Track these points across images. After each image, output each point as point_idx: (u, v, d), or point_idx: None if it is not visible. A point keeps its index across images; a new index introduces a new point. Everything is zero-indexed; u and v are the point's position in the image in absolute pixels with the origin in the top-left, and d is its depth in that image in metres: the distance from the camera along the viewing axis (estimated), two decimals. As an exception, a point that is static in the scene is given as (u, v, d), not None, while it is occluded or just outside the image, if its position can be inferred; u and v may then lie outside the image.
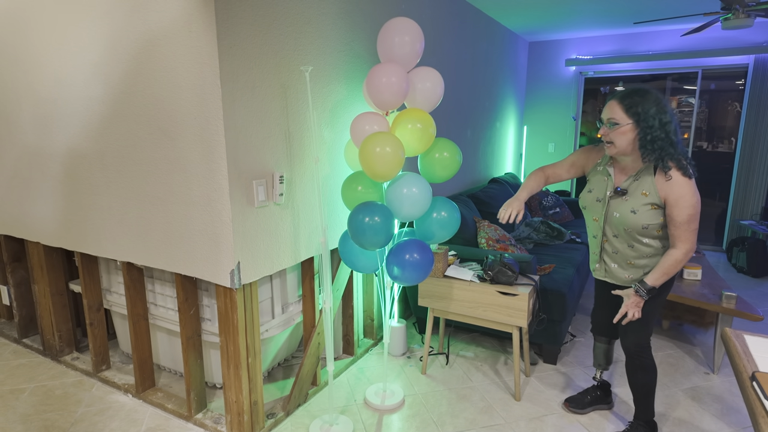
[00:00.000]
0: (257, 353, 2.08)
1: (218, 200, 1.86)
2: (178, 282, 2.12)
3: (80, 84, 2.19)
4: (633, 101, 1.69)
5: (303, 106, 2.15)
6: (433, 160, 2.21)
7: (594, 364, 2.32)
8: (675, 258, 1.76)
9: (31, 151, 2.54)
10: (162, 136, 1.97)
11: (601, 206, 1.90)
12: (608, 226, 1.90)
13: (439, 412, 2.34)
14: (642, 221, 1.77)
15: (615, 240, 1.91)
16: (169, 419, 2.27)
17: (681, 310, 3.07)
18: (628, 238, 1.85)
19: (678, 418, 2.29)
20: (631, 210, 1.79)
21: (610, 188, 1.87)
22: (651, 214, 1.77)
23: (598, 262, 2.03)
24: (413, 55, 2.14)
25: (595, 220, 1.95)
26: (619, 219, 1.83)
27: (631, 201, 1.80)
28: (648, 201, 1.76)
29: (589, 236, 2.04)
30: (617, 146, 1.76)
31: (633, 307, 1.85)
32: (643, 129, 1.68)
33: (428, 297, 2.59)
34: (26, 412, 2.32)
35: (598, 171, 1.95)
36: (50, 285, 2.74)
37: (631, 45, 5.17)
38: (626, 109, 1.71)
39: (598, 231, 1.96)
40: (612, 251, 1.94)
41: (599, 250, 1.99)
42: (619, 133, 1.74)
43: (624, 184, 1.82)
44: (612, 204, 1.86)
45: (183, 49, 1.81)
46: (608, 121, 1.75)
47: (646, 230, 1.79)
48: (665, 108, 1.69)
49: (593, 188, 1.94)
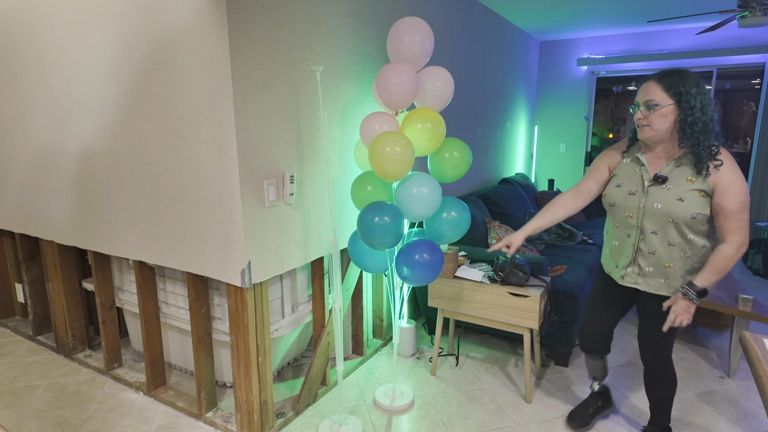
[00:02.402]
0: (267, 352, 2.09)
1: (229, 200, 1.86)
2: (189, 281, 2.13)
3: (94, 84, 2.22)
4: (673, 80, 1.56)
5: (313, 106, 2.15)
6: (443, 160, 2.20)
7: (590, 376, 2.23)
8: (726, 253, 1.59)
9: (45, 150, 2.57)
10: (174, 136, 1.98)
11: (638, 199, 1.71)
12: (647, 221, 1.70)
13: (448, 413, 2.33)
14: (691, 210, 1.59)
15: (653, 237, 1.70)
16: (179, 417, 2.29)
17: (696, 312, 3.02)
18: (669, 233, 1.67)
19: (693, 422, 2.25)
20: (677, 198, 1.61)
21: (646, 177, 1.69)
22: (700, 202, 1.59)
23: (629, 265, 1.81)
24: (423, 54, 2.13)
25: (628, 217, 1.75)
26: (662, 210, 1.65)
27: (674, 189, 1.63)
28: (695, 187, 1.59)
29: (617, 239, 1.82)
30: (655, 129, 1.61)
31: (684, 313, 1.65)
32: (684, 110, 1.55)
33: (438, 298, 2.58)
34: (40, 409, 2.35)
35: (625, 164, 1.77)
36: (64, 283, 2.77)
37: (644, 44, 5.11)
38: (666, 89, 1.56)
39: (632, 229, 1.75)
40: (649, 251, 1.73)
41: (633, 251, 1.78)
42: (659, 115, 1.58)
43: (664, 171, 1.65)
44: (652, 194, 1.67)
45: (195, 49, 1.82)
46: (646, 103, 1.60)
47: (694, 221, 1.61)
48: (704, 90, 1.56)
49: (623, 182, 1.76)
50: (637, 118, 1.64)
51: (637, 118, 1.64)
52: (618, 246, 1.83)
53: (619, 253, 1.83)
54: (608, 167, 1.84)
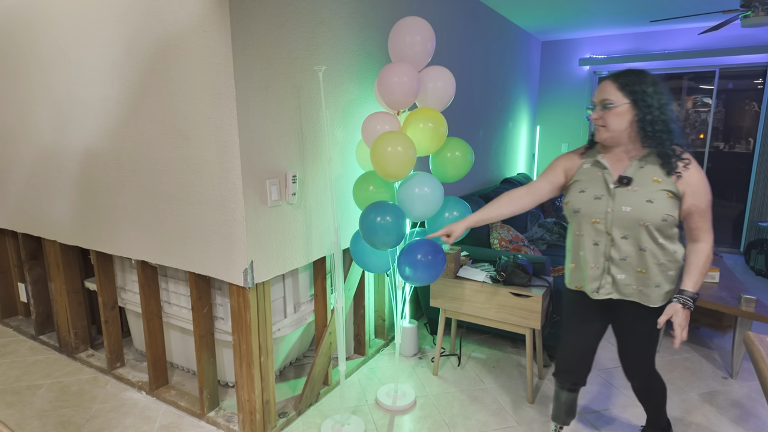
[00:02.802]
0: (270, 352, 2.09)
1: (232, 199, 1.87)
2: (192, 281, 2.13)
3: (97, 84, 2.22)
4: (629, 79, 1.51)
5: (316, 105, 2.15)
6: (444, 160, 2.20)
7: (553, 417, 1.98)
8: (706, 252, 1.56)
9: (48, 150, 2.58)
10: (177, 136, 1.98)
11: (604, 203, 1.60)
12: (616, 226, 1.59)
13: (451, 413, 2.33)
14: (662, 211, 1.51)
15: (624, 243, 1.60)
16: (182, 417, 2.29)
17: (697, 313, 3.01)
18: (640, 238, 1.57)
19: (695, 423, 2.24)
20: (646, 200, 1.53)
21: (610, 180, 1.59)
22: (670, 203, 1.52)
23: (601, 276, 1.66)
24: (424, 54, 2.13)
25: (595, 223, 1.62)
26: (632, 213, 1.55)
27: (642, 190, 1.54)
28: (663, 188, 1.52)
29: (583, 248, 1.67)
30: (611, 129, 1.54)
31: (685, 325, 1.55)
32: (642, 109, 1.50)
33: (440, 298, 2.58)
34: (43, 408, 2.35)
35: (586, 168, 1.67)
36: (66, 283, 2.78)
37: (647, 44, 5.10)
38: (621, 87, 1.51)
39: (600, 236, 1.62)
40: (620, 258, 1.61)
41: (603, 260, 1.64)
42: (614, 115, 1.52)
43: (629, 171, 1.57)
44: (619, 197, 1.57)
45: (197, 49, 1.82)
46: (602, 102, 1.54)
47: (665, 223, 1.52)
48: (662, 90, 1.51)
49: (586, 187, 1.64)
50: (593, 118, 1.58)
51: (593, 119, 1.58)
52: (585, 257, 1.68)
53: (587, 264, 1.68)
54: (564, 171, 1.73)
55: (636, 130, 1.53)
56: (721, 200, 5.23)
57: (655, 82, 1.51)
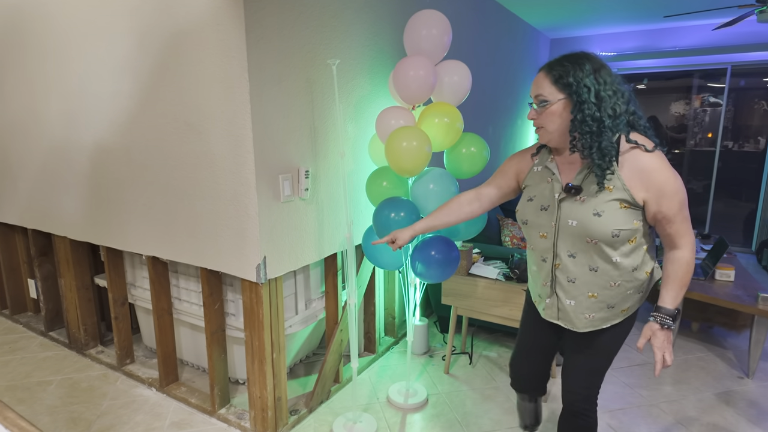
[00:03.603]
0: (282, 348, 2.07)
1: (245, 194, 1.85)
2: (203, 276, 2.11)
3: (108, 78, 2.21)
4: (564, 69, 1.26)
5: (328, 100, 2.13)
6: (459, 156, 2.17)
7: (520, 425, 1.85)
8: (686, 260, 1.30)
9: (58, 145, 2.57)
10: (189, 130, 1.97)
11: (550, 215, 1.37)
12: (562, 241, 1.36)
13: (463, 411, 2.30)
14: (611, 226, 1.27)
15: (571, 262, 1.36)
16: (192, 414, 2.27)
17: (712, 311, 2.97)
18: (589, 257, 1.33)
19: (712, 423, 2.21)
20: (593, 212, 1.28)
21: (557, 189, 1.36)
22: (622, 215, 1.27)
23: (549, 296, 1.45)
24: (441, 48, 2.11)
25: (542, 237, 1.40)
26: (578, 228, 1.31)
27: (590, 201, 1.29)
28: (615, 197, 1.26)
29: (535, 263, 1.48)
30: (549, 131, 1.31)
31: (668, 346, 1.31)
32: (575, 106, 1.25)
33: (452, 295, 2.55)
34: (53, 404, 2.34)
35: (536, 172, 1.44)
36: (76, 279, 2.77)
37: (657, 41, 5.05)
38: (555, 81, 1.27)
39: (547, 252, 1.41)
40: (567, 280, 1.38)
41: (550, 280, 1.43)
42: (549, 114, 1.29)
43: (576, 180, 1.32)
44: (565, 209, 1.33)
45: (210, 42, 1.81)
46: (536, 99, 1.31)
47: (616, 239, 1.28)
48: (607, 76, 1.25)
49: (534, 195, 1.42)
50: (530, 118, 1.36)
51: (530, 119, 1.36)
52: (536, 272, 1.48)
53: (537, 280, 1.50)
54: (516, 174, 1.52)
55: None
56: (732, 200, 5.18)
57: (599, 67, 1.26)
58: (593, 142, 1.24)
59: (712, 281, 2.90)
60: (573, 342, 1.49)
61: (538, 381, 1.69)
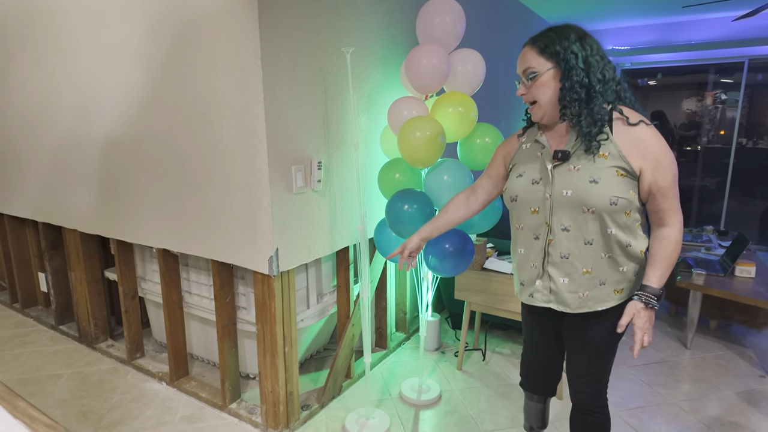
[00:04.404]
0: (294, 342, 2.04)
1: (258, 185, 1.81)
2: (215, 269, 2.09)
3: (119, 69, 2.19)
4: (548, 39, 1.26)
5: (341, 90, 2.09)
6: (474, 146, 2.12)
7: (525, 426, 1.77)
8: (675, 238, 1.27)
9: (69, 137, 2.56)
10: (200, 121, 1.94)
11: (542, 188, 1.33)
12: (556, 214, 1.31)
13: (477, 408, 2.26)
14: (609, 192, 1.23)
15: (565, 236, 1.31)
16: (203, 408, 2.25)
17: (731, 309, 2.91)
18: (585, 228, 1.29)
19: (735, 422, 2.15)
20: (590, 179, 1.24)
21: (548, 158, 1.32)
22: (619, 182, 1.23)
23: (539, 277, 1.39)
24: (454, 36, 2.06)
25: (534, 213, 1.36)
26: (573, 197, 1.27)
27: (586, 169, 1.25)
28: (612, 164, 1.24)
29: (523, 244, 1.41)
30: (543, 105, 1.29)
31: (649, 327, 1.28)
32: (564, 74, 1.24)
33: (465, 290, 2.51)
34: (64, 398, 2.33)
35: (524, 150, 1.41)
36: (86, 272, 2.76)
37: (673, 34, 4.96)
38: (541, 51, 1.26)
39: (539, 228, 1.36)
40: (560, 256, 1.33)
41: (542, 258, 1.37)
42: (540, 86, 1.27)
43: (568, 145, 1.30)
44: (558, 179, 1.30)
45: (223, 29, 1.77)
46: (525, 73, 1.30)
47: (614, 207, 1.24)
48: (592, 45, 1.26)
49: (524, 170, 1.38)
50: (519, 94, 1.34)
51: (520, 95, 1.34)
52: (524, 255, 1.42)
53: (524, 263, 1.42)
54: (503, 159, 1.49)
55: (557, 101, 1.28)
56: (747, 197, 5.09)
57: (582, 35, 1.26)
58: (582, 109, 1.24)
59: (732, 277, 2.83)
60: (573, 336, 1.45)
61: (548, 381, 1.62)
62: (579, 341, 1.43)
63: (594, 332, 1.39)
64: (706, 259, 3.16)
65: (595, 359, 1.42)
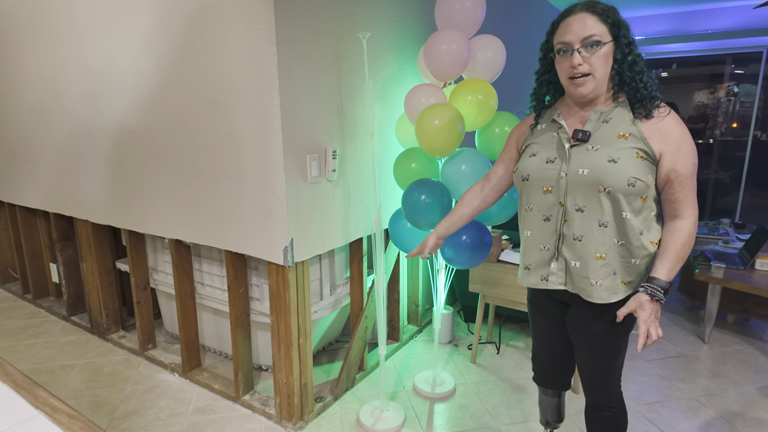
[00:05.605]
0: (308, 334, 2.01)
1: (272, 174, 1.78)
2: (228, 260, 2.06)
3: (130, 57, 2.15)
4: (607, 7, 1.19)
5: (356, 78, 2.05)
6: (492, 136, 2.08)
7: (541, 420, 1.73)
8: (688, 231, 1.21)
9: (80, 127, 2.53)
10: (213, 109, 1.90)
11: (557, 167, 1.28)
12: (571, 194, 1.26)
13: (492, 402, 2.23)
14: (627, 173, 1.18)
15: (579, 217, 1.26)
16: (216, 399, 2.24)
17: (750, 303, 2.85)
18: (600, 209, 1.24)
19: (756, 417, 2.11)
20: (609, 159, 1.20)
21: (566, 137, 1.28)
22: (638, 164, 1.19)
23: (553, 260, 1.33)
24: (474, 21, 2.01)
25: (546, 192, 1.31)
26: (590, 176, 1.22)
27: (605, 148, 1.22)
28: (632, 145, 1.20)
29: (531, 226, 1.36)
30: (598, 77, 1.20)
31: (654, 321, 1.21)
32: (623, 47, 1.19)
33: (480, 283, 2.47)
34: (77, 388, 2.33)
35: (539, 130, 1.36)
36: (98, 263, 2.75)
37: (689, 24, 4.85)
38: (604, 20, 1.18)
39: (552, 208, 1.31)
40: (575, 237, 1.28)
41: (556, 238, 1.32)
42: (601, 57, 1.19)
43: (588, 125, 1.25)
44: (575, 158, 1.25)
45: (237, 15, 1.73)
46: (585, 41, 1.18)
47: (632, 189, 1.19)
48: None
49: (538, 150, 1.33)
50: (575, 64, 1.19)
51: (575, 65, 1.19)
52: (531, 237, 1.37)
53: (531, 245, 1.37)
54: (516, 144, 1.45)
55: (611, 76, 1.22)
56: (761, 191, 4.99)
57: None
58: (647, 81, 1.22)
59: (752, 271, 2.77)
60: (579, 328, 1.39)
61: (560, 375, 1.58)
62: (584, 334, 1.38)
63: (598, 324, 1.34)
64: (725, 252, 3.10)
65: (601, 352, 1.37)
